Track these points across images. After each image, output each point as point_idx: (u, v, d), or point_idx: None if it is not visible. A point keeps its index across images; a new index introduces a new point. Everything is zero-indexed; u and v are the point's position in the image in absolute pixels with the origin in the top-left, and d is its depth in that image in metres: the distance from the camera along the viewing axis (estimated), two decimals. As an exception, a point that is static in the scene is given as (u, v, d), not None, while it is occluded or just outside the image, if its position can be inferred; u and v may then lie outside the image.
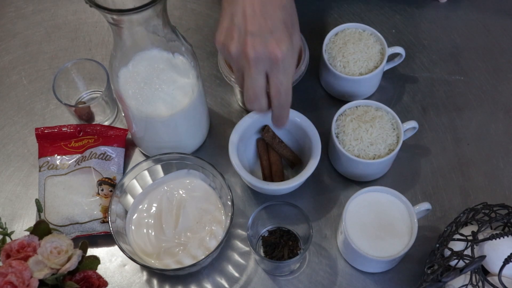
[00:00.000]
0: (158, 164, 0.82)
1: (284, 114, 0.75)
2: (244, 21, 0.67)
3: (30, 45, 0.99)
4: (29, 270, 0.64)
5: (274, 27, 0.67)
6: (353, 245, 0.75)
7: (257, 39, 0.66)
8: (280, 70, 0.68)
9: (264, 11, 0.66)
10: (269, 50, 0.66)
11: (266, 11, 0.66)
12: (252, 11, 0.66)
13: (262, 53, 0.67)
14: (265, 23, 0.66)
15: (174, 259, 0.78)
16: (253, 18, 0.66)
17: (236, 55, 0.69)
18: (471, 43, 0.98)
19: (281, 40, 0.67)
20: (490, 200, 0.80)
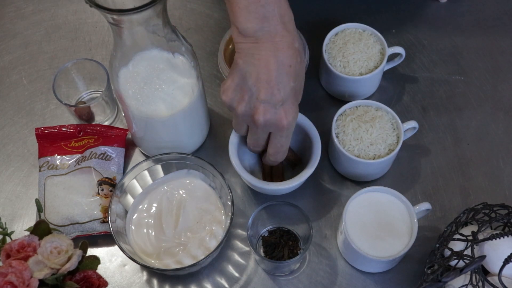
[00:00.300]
0: (158, 164, 0.82)
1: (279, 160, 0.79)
2: (257, 86, 0.68)
3: (30, 45, 0.99)
4: (29, 270, 0.64)
5: (285, 98, 0.69)
6: (353, 245, 0.75)
7: (268, 107, 0.69)
8: (283, 136, 0.73)
9: (278, 80, 0.68)
10: (277, 119, 0.70)
11: (281, 80, 0.68)
12: (266, 77, 0.67)
13: (271, 120, 0.70)
14: (278, 93, 0.68)
15: (174, 259, 0.78)
16: (267, 85, 0.68)
17: (242, 116, 0.72)
18: (471, 43, 0.98)
19: (290, 110, 0.70)
20: (490, 200, 0.80)
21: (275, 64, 0.67)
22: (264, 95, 0.68)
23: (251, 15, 0.66)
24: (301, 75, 0.72)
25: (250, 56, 0.68)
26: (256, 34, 0.67)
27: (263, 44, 0.67)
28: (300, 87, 0.73)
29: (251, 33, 0.67)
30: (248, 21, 0.66)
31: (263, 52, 0.67)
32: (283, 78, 0.68)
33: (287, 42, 0.67)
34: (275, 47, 0.67)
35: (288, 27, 0.68)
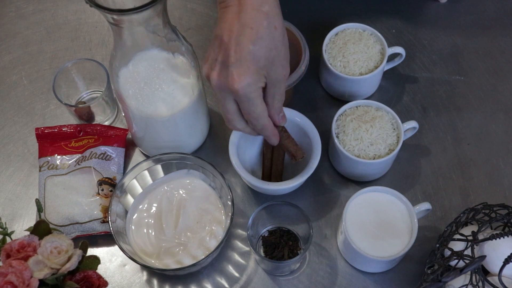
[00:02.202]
0: (158, 164, 0.82)
1: (268, 134, 0.74)
2: (219, 48, 0.67)
3: (30, 45, 0.99)
4: (29, 270, 0.64)
5: (240, 60, 0.65)
6: (353, 245, 0.75)
7: (223, 69, 0.66)
8: (244, 101, 0.68)
9: (236, 41, 0.65)
10: (229, 81, 0.66)
11: (238, 42, 0.65)
12: (227, 39, 0.66)
13: (223, 83, 0.67)
14: (233, 54, 0.65)
15: (174, 259, 0.78)
16: (226, 46, 0.66)
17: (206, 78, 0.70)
18: (471, 43, 0.98)
19: (243, 73, 0.66)
20: (490, 200, 0.80)
21: (237, 25, 0.65)
22: (221, 56, 0.66)
23: None
24: (267, 40, 0.66)
25: (220, 20, 0.67)
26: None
27: (231, 8, 0.66)
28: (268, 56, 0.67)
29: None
30: None
31: (229, 14, 0.66)
32: (241, 39, 0.65)
33: (252, 5, 0.65)
34: (240, 9, 0.65)
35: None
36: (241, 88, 0.66)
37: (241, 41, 0.65)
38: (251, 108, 0.69)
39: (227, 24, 0.66)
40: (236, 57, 0.65)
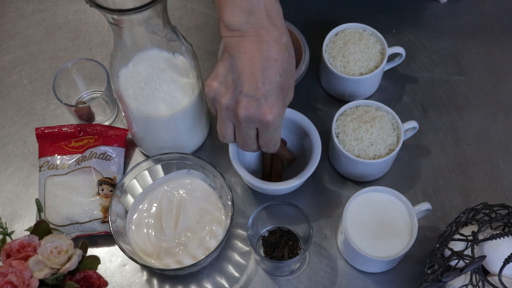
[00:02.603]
0: (158, 164, 0.82)
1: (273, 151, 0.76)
2: (241, 79, 0.67)
3: (30, 45, 0.99)
4: (29, 270, 0.64)
5: (270, 92, 0.67)
6: (353, 245, 0.75)
7: (251, 101, 0.68)
8: (270, 130, 0.71)
9: (263, 73, 0.66)
10: (260, 113, 0.68)
11: (265, 74, 0.66)
12: (251, 70, 0.66)
13: (253, 115, 0.68)
14: (262, 86, 0.67)
15: (174, 259, 0.78)
16: (251, 78, 0.67)
17: (226, 110, 0.70)
18: (471, 43, 0.98)
19: (274, 105, 0.68)
20: (490, 200, 0.80)
21: (260, 57, 0.66)
22: (247, 88, 0.67)
23: (236, 8, 0.66)
24: (289, 71, 0.69)
25: (236, 49, 0.67)
26: (242, 27, 0.66)
27: (249, 38, 0.66)
28: (289, 84, 0.71)
29: (236, 27, 0.66)
30: (233, 14, 0.66)
31: (248, 45, 0.66)
32: (267, 71, 0.67)
33: (273, 36, 0.66)
34: (261, 40, 0.66)
35: (274, 21, 0.67)
36: (272, 119, 0.69)
37: (269, 74, 0.67)
38: (274, 135, 0.72)
39: (248, 55, 0.66)
40: (266, 90, 0.67)
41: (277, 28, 0.67)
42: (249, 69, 0.66)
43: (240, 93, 0.68)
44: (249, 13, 0.66)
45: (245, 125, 0.70)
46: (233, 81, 0.68)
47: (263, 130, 0.71)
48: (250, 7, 0.66)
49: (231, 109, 0.70)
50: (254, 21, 0.66)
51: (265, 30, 0.66)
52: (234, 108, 0.69)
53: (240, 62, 0.67)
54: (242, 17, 0.66)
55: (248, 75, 0.67)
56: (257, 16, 0.66)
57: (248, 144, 0.74)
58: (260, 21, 0.66)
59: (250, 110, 0.68)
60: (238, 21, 0.66)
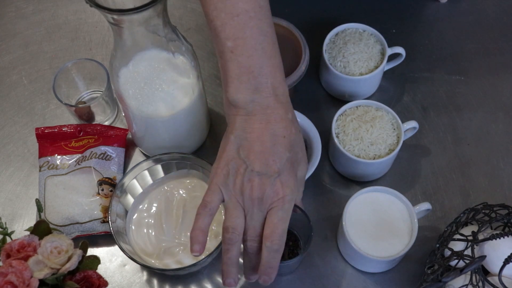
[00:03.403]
0: (158, 164, 0.82)
1: (274, 263, 0.67)
2: (251, 159, 0.65)
3: (30, 45, 0.99)
4: (29, 270, 0.64)
5: (281, 168, 0.65)
6: (353, 245, 0.75)
7: (264, 179, 0.65)
8: (280, 210, 0.66)
9: (272, 151, 0.65)
10: (274, 190, 0.65)
11: (275, 151, 0.65)
12: (260, 149, 0.65)
13: (268, 193, 0.65)
14: (273, 164, 0.65)
15: (174, 259, 0.78)
16: (261, 156, 0.65)
17: (239, 192, 0.66)
18: (471, 43, 0.98)
19: (287, 182, 0.66)
20: (490, 200, 0.80)
21: (268, 135, 0.65)
22: (259, 167, 0.65)
23: (242, 85, 0.65)
24: (296, 146, 0.68)
25: (242, 130, 0.66)
26: (247, 106, 0.65)
27: (255, 117, 0.65)
28: (298, 159, 0.68)
29: (241, 105, 0.65)
30: (238, 91, 0.65)
31: (255, 125, 0.65)
32: (277, 148, 0.65)
33: (279, 114, 0.65)
34: (267, 119, 0.65)
35: (281, 99, 0.66)
36: (285, 196, 0.66)
37: (278, 151, 0.65)
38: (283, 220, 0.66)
39: (256, 134, 0.65)
40: (277, 167, 0.65)
41: (283, 106, 0.66)
42: (259, 148, 0.65)
43: (252, 172, 0.65)
44: (255, 91, 0.65)
45: (258, 207, 0.66)
46: (243, 162, 0.66)
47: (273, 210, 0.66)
48: (256, 85, 0.65)
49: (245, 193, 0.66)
50: (261, 100, 0.65)
51: (271, 109, 0.65)
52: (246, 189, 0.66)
53: (247, 143, 0.65)
54: (248, 95, 0.65)
55: (258, 153, 0.65)
56: (263, 95, 0.65)
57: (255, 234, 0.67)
58: (266, 99, 0.65)
59: (264, 188, 0.65)
60: (244, 99, 0.65)
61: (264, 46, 0.65)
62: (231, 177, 0.66)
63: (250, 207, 0.66)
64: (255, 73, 0.64)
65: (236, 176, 0.66)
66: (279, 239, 0.66)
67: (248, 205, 0.66)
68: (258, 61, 0.65)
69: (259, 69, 0.65)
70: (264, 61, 0.65)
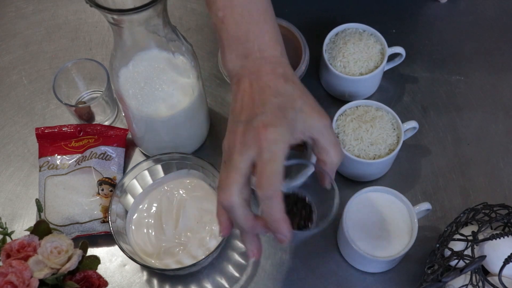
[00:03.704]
0: (158, 164, 0.82)
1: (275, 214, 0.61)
2: (240, 113, 0.64)
3: (30, 45, 0.99)
4: (29, 270, 0.64)
5: (265, 111, 0.62)
6: (353, 245, 0.75)
7: (247, 125, 0.62)
8: (264, 151, 0.60)
9: (259, 98, 0.63)
10: (256, 132, 0.61)
11: (261, 98, 0.63)
12: (248, 100, 0.64)
13: (248, 137, 0.61)
14: (257, 109, 0.62)
15: (174, 259, 0.78)
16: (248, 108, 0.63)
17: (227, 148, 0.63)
18: (471, 43, 0.98)
19: (272, 122, 0.61)
20: (490, 200, 0.80)
21: (256, 91, 0.64)
22: (245, 116, 0.63)
23: (232, 54, 0.66)
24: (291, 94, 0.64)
25: (235, 93, 0.66)
26: (238, 73, 0.66)
27: (245, 78, 0.65)
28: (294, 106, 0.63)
29: (234, 73, 0.66)
30: (230, 61, 0.66)
31: (245, 84, 0.65)
32: (262, 97, 0.63)
33: (266, 71, 0.65)
34: (256, 78, 0.65)
35: (270, 59, 0.66)
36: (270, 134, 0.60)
37: (262, 97, 0.63)
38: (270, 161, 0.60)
39: (247, 93, 0.64)
40: (261, 110, 0.62)
41: (272, 64, 0.66)
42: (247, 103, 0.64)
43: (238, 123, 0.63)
44: (244, 57, 0.66)
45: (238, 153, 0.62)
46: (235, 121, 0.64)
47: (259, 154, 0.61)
48: (244, 51, 0.66)
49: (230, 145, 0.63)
50: (249, 64, 0.66)
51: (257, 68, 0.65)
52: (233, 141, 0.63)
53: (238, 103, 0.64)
54: (237, 62, 0.66)
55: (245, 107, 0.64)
56: (251, 59, 0.66)
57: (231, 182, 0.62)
58: (254, 62, 0.65)
59: (245, 133, 0.62)
60: (235, 67, 0.66)
61: (252, 13, 0.66)
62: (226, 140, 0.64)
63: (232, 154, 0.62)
64: (242, 40, 0.66)
65: (229, 137, 0.64)
66: (268, 182, 0.60)
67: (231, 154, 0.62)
68: (245, 28, 0.66)
69: (245, 35, 0.66)
70: (250, 27, 0.66)
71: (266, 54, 0.66)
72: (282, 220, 0.61)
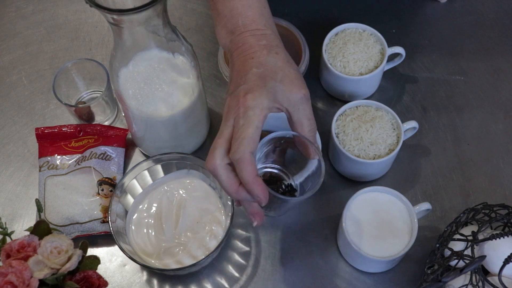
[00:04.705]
0: (158, 164, 0.82)
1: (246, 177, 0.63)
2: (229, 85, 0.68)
3: (30, 45, 0.99)
4: (29, 270, 0.64)
5: (247, 81, 0.65)
6: (353, 245, 0.75)
7: (233, 96, 0.65)
8: (241, 117, 0.63)
9: (242, 69, 0.66)
10: (236, 101, 0.64)
11: (243, 68, 0.66)
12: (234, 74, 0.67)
13: (231, 105, 0.64)
14: (240, 80, 0.66)
15: (174, 259, 0.78)
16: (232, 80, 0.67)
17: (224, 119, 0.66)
18: (471, 43, 0.98)
19: (251, 90, 0.64)
20: (490, 200, 0.80)
21: (239, 61, 0.67)
22: (232, 87, 0.66)
23: (222, 31, 0.70)
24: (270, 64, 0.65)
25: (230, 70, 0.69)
26: (228, 48, 0.69)
27: (233, 54, 0.68)
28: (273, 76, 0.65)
29: (226, 49, 0.70)
30: (221, 37, 0.70)
31: (234, 60, 0.68)
32: (245, 67, 0.66)
33: (249, 44, 0.67)
34: (241, 51, 0.68)
35: (254, 33, 0.68)
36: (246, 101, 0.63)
37: (245, 68, 0.66)
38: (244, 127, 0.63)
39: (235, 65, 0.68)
40: (243, 80, 0.65)
41: (255, 37, 0.68)
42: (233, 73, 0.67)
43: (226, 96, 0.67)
44: (230, 33, 0.69)
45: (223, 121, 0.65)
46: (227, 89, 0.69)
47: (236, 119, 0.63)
48: (230, 27, 0.69)
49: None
50: (235, 39, 0.68)
51: (242, 43, 0.68)
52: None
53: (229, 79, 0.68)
54: (226, 38, 0.69)
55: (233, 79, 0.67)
56: (236, 34, 0.68)
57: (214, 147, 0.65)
58: (239, 37, 0.68)
59: (229, 103, 0.65)
60: (225, 42, 0.70)
61: None
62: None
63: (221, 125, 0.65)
64: (228, 17, 0.69)
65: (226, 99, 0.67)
66: (238, 146, 0.62)
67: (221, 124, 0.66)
68: (229, 5, 0.69)
69: (230, 11, 0.69)
70: (235, 3, 0.69)
71: (250, 27, 0.68)
72: (254, 181, 0.63)
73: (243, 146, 0.62)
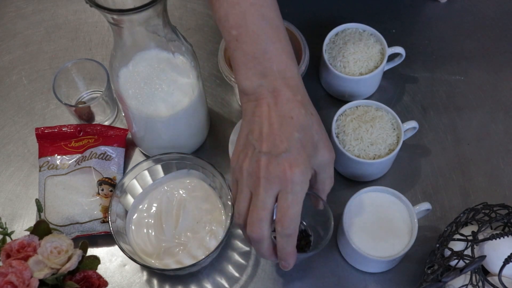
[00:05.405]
0: (158, 164, 0.82)
1: (289, 248, 0.67)
2: (259, 141, 0.65)
3: (30, 45, 0.99)
4: (29, 270, 0.64)
5: (289, 148, 0.64)
6: (353, 245, 0.75)
7: (271, 158, 0.64)
8: (289, 192, 0.64)
9: (280, 131, 0.65)
10: (280, 170, 0.64)
11: (283, 131, 0.65)
12: (269, 130, 0.65)
13: (273, 173, 0.64)
14: (280, 143, 0.64)
15: (174, 259, 0.78)
16: (269, 137, 0.65)
17: (247, 175, 0.66)
18: (471, 43, 0.98)
19: (296, 162, 0.64)
20: (490, 200, 0.80)
21: (276, 117, 0.65)
22: (266, 147, 0.64)
23: (249, 72, 0.67)
24: (310, 127, 0.66)
25: (251, 114, 0.67)
26: (255, 91, 0.66)
27: (262, 100, 0.66)
28: (312, 142, 0.67)
29: (250, 91, 0.67)
30: (246, 78, 0.67)
31: (263, 107, 0.66)
32: (285, 129, 0.65)
33: (286, 96, 0.66)
34: (275, 102, 0.66)
35: (289, 81, 0.66)
36: (293, 176, 0.64)
37: (286, 131, 0.65)
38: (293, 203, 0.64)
39: (263, 117, 0.66)
40: (285, 146, 0.64)
41: (291, 88, 0.66)
42: (266, 130, 0.65)
43: (259, 153, 0.65)
44: (262, 76, 0.66)
45: (263, 188, 0.64)
46: (251, 144, 0.66)
47: (282, 193, 0.64)
48: (262, 70, 0.66)
49: (252, 173, 0.65)
50: (267, 84, 0.66)
51: (277, 91, 0.66)
52: (254, 171, 0.65)
53: (256, 126, 0.66)
54: (255, 81, 0.66)
55: (266, 135, 0.65)
56: (270, 79, 0.66)
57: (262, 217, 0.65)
58: (272, 83, 0.66)
59: (269, 167, 0.64)
60: (252, 85, 0.67)
61: (267, 31, 0.67)
62: (241, 160, 0.67)
63: (256, 188, 0.65)
64: (259, 59, 0.66)
65: (244, 160, 0.66)
66: (290, 223, 0.65)
67: (254, 186, 0.65)
68: (261, 47, 0.66)
69: (263, 54, 0.66)
70: (267, 46, 0.66)
71: (285, 75, 0.67)
72: (293, 253, 0.68)
73: (294, 224, 0.65)
